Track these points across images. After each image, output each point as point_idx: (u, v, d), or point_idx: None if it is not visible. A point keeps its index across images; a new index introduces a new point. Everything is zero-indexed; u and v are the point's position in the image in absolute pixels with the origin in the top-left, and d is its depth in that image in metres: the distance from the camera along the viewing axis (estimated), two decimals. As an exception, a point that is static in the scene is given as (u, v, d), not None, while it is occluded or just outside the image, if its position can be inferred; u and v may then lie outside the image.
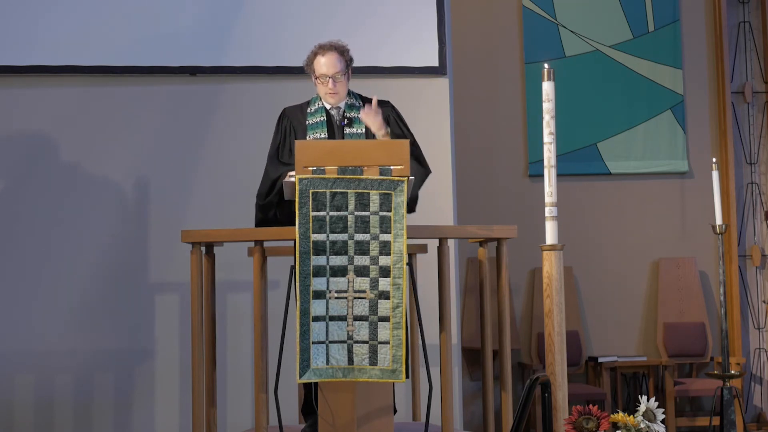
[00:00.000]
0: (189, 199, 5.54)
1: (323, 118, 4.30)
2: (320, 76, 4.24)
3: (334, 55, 4.24)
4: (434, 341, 4.34)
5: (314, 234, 3.69)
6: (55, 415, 5.37)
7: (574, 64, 7.57)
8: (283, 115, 4.38)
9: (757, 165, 7.66)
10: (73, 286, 5.43)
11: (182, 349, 5.36)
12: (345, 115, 4.30)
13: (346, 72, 4.28)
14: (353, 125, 4.29)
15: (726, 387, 5.09)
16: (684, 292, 7.48)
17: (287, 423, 4.11)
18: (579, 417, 3.38)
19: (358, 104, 4.34)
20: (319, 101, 4.35)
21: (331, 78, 4.23)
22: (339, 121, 4.30)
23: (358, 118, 4.30)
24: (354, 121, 4.30)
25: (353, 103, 4.34)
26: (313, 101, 4.37)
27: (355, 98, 4.36)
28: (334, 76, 4.23)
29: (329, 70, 4.23)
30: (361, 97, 4.38)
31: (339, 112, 4.32)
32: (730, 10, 7.68)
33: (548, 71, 3.62)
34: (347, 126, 4.29)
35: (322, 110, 4.32)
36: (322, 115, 4.31)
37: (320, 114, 4.32)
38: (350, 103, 4.33)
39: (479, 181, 7.39)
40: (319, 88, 4.29)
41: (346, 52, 4.29)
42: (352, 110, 4.32)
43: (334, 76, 4.23)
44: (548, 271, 3.58)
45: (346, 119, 4.29)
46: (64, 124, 5.52)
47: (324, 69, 4.23)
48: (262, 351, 3.89)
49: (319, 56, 4.25)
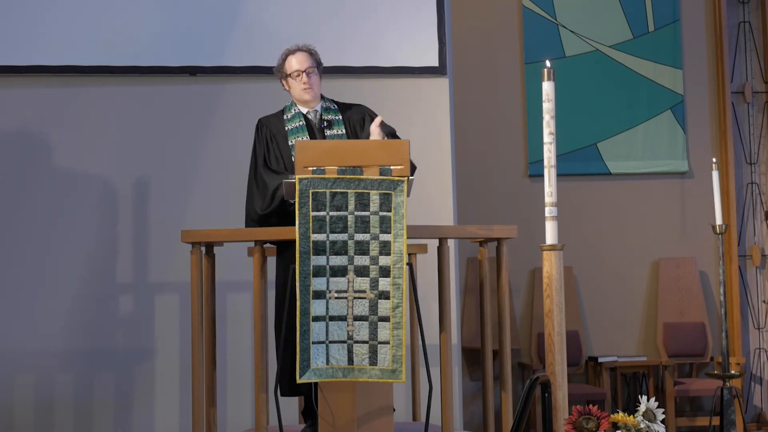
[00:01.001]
0: (189, 199, 5.54)
1: (302, 123, 4.32)
2: (293, 72, 4.29)
3: (303, 54, 4.31)
4: (434, 341, 4.34)
5: (314, 234, 3.69)
6: (55, 415, 5.37)
7: (574, 64, 7.57)
8: (260, 124, 4.38)
9: (757, 165, 7.66)
10: (73, 286, 5.43)
11: (182, 349, 5.37)
12: (323, 118, 4.32)
13: (317, 70, 4.33)
14: (333, 127, 4.32)
15: (726, 387, 5.09)
16: (684, 292, 7.48)
17: (287, 423, 4.11)
18: (579, 417, 3.38)
19: (334, 107, 4.37)
20: (294, 107, 4.36)
21: (304, 72, 4.28)
22: (318, 123, 4.32)
23: (336, 119, 4.33)
24: (333, 123, 4.32)
25: (329, 107, 4.37)
26: (288, 108, 4.38)
27: (330, 102, 4.39)
28: (306, 69, 4.28)
29: (302, 65, 4.29)
30: (336, 102, 4.41)
31: (316, 115, 4.34)
32: (730, 10, 7.67)
33: (548, 71, 3.63)
34: (327, 128, 4.31)
35: (299, 115, 4.34)
36: (300, 119, 4.33)
37: (298, 119, 4.33)
38: (326, 106, 4.37)
39: (479, 181, 7.39)
40: (293, 86, 4.32)
41: (315, 53, 4.36)
42: (328, 113, 4.35)
43: (307, 70, 4.28)
44: (548, 271, 3.58)
45: (325, 122, 4.31)
46: (64, 124, 5.52)
47: (296, 65, 4.29)
48: (262, 351, 3.89)
49: (290, 56, 4.32)
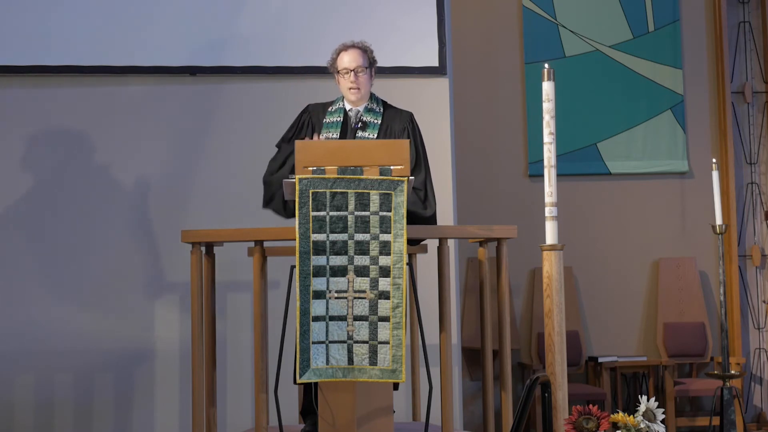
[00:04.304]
0: (189, 199, 5.54)
1: (340, 119, 4.33)
2: (342, 70, 4.29)
3: (356, 51, 4.31)
4: (434, 341, 4.34)
5: (314, 234, 3.69)
6: (55, 415, 5.37)
7: (574, 64, 7.57)
8: (306, 110, 4.43)
9: (757, 165, 7.66)
10: (72, 285, 5.42)
11: (182, 349, 5.36)
12: (361, 118, 4.32)
13: (368, 69, 4.32)
14: (366, 129, 4.31)
15: (726, 387, 5.09)
16: (684, 292, 7.48)
17: (287, 423, 4.11)
18: (579, 417, 3.38)
19: (378, 109, 4.35)
20: (341, 101, 4.38)
21: (353, 71, 4.27)
22: (354, 123, 4.32)
23: (373, 122, 4.32)
24: (368, 125, 4.31)
25: (373, 108, 4.35)
26: (336, 101, 4.40)
27: (377, 103, 4.38)
28: (356, 69, 4.27)
29: (351, 63, 4.29)
30: (384, 104, 4.39)
31: (356, 114, 4.34)
32: (730, 10, 7.67)
33: (548, 71, 3.62)
34: (360, 129, 4.31)
35: (341, 111, 4.35)
36: (340, 115, 4.34)
37: (338, 114, 4.35)
38: (370, 107, 4.35)
39: (479, 181, 7.39)
40: (342, 83, 4.33)
41: (369, 51, 4.36)
42: (369, 114, 4.34)
43: (356, 69, 4.27)
44: (548, 271, 3.58)
45: (361, 122, 4.31)
46: (64, 124, 5.52)
47: (346, 63, 4.30)
48: (262, 351, 3.89)
49: (342, 53, 4.32)
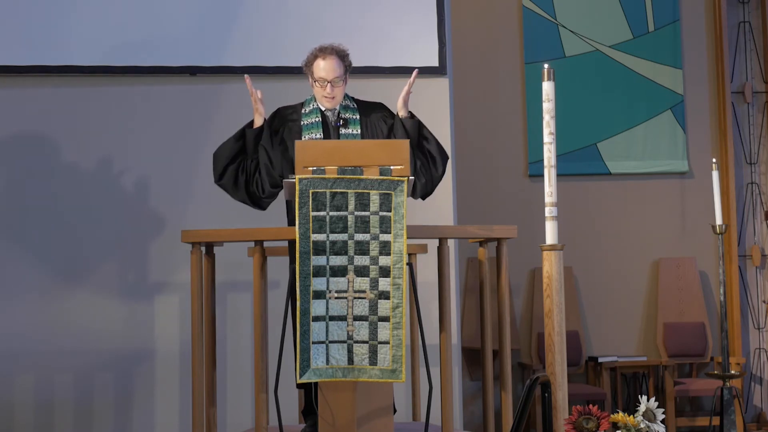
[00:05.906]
0: (189, 199, 5.54)
1: (318, 119, 4.28)
2: (318, 79, 4.23)
3: (334, 60, 4.21)
4: (434, 341, 4.34)
5: (314, 234, 3.69)
6: (55, 416, 5.37)
7: (574, 64, 7.56)
8: (276, 113, 4.36)
9: (757, 165, 7.66)
10: (72, 285, 5.42)
11: (182, 349, 5.36)
12: (340, 116, 4.29)
13: (344, 77, 4.25)
14: (348, 126, 4.28)
15: (726, 387, 5.09)
16: (684, 292, 7.48)
17: (287, 423, 4.10)
18: (579, 417, 3.38)
19: (353, 105, 4.33)
20: (313, 102, 4.33)
21: (329, 83, 4.20)
22: (334, 121, 4.29)
23: (353, 118, 4.29)
24: (349, 121, 4.29)
25: (348, 105, 4.32)
26: (308, 102, 4.35)
27: (350, 100, 4.35)
28: (332, 80, 4.20)
29: (328, 74, 4.20)
30: (355, 100, 4.37)
31: (334, 113, 4.31)
32: (730, 10, 7.67)
33: (548, 71, 3.62)
34: (342, 127, 4.28)
35: (317, 111, 4.30)
36: (317, 116, 4.29)
37: (315, 115, 4.29)
38: (345, 104, 4.32)
39: (479, 181, 7.38)
40: (316, 90, 4.27)
41: (346, 57, 4.26)
42: (347, 111, 4.31)
43: (333, 81, 4.20)
44: (548, 271, 3.58)
45: (342, 120, 4.28)
46: (64, 124, 5.52)
47: (323, 73, 4.21)
48: (262, 351, 3.89)
49: (320, 59, 4.22)
